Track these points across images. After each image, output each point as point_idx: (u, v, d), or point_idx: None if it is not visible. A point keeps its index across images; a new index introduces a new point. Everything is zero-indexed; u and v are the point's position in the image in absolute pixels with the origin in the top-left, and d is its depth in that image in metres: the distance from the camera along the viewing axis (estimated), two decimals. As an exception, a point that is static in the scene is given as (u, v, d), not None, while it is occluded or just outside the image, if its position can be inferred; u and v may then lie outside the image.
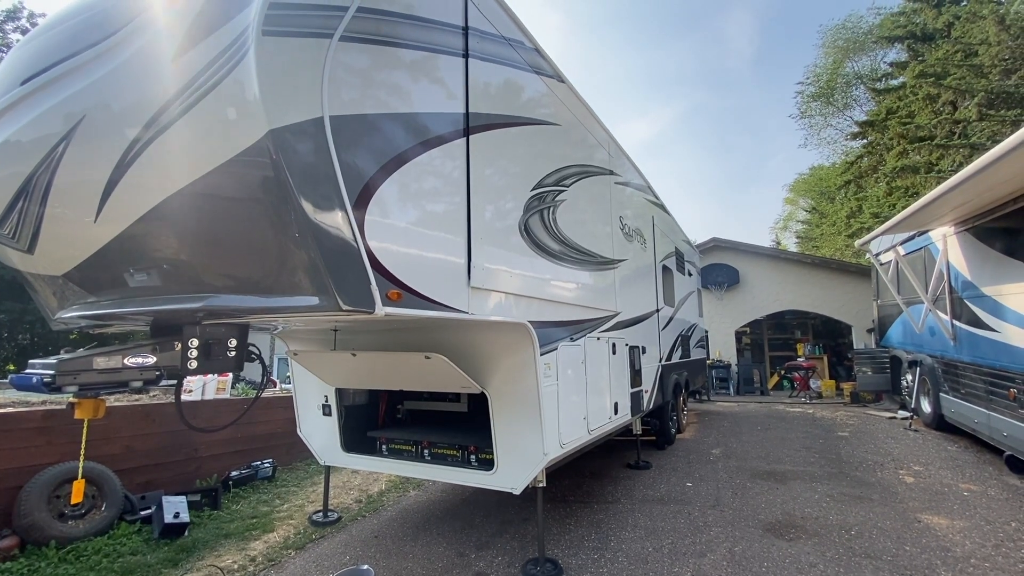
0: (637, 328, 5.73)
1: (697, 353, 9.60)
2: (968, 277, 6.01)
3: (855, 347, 12.32)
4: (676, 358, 7.75)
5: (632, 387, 5.34)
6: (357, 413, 4.48)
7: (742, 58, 55.24)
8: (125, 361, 2.35)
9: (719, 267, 13.89)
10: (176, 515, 4.24)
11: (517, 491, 3.36)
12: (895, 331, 9.44)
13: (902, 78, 17.00)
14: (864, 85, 21.92)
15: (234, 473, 5.53)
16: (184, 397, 5.72)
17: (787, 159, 57.93)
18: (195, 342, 2.49)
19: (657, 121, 69.16)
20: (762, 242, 34.88)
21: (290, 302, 1.94)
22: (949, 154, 12.91)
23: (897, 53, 19.06)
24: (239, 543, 4.18)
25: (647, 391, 5.96)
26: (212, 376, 5.80)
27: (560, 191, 3.96)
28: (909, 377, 8.64)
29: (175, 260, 2.05)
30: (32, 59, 2.14)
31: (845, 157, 21.74)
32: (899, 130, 14.53)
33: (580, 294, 4.24)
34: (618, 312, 5.07)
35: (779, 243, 34.36)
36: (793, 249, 29.68)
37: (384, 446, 4.25)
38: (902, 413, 8.85)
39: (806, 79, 24.65)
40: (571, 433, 3.76)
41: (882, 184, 15.63)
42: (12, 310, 13.29)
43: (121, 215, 2.00)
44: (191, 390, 5.72)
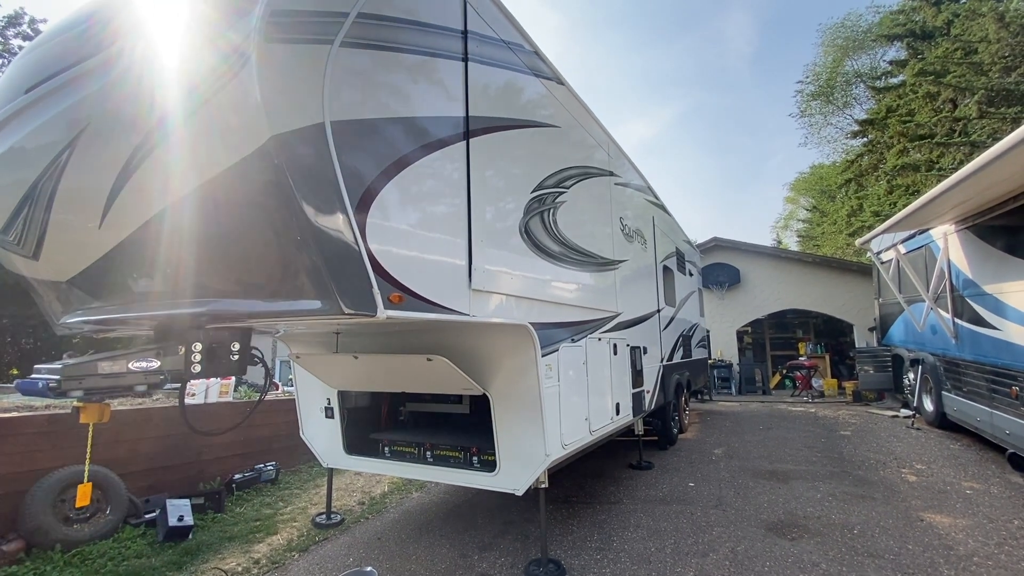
0: (638, 328, 5.74)
1: (699, 353, 9.60)
2: (969, 275, 6.01)
3: (857, 346, 12.30)
4: (678, 358, 7.75)
5: (634, 387, 5.35)
6: (359, 415, 4.50)
7: (741, 57, 55.24)
8: (129, 365, 2.37)
9: (720, 267, 13.89)
10: (180, 518, 4.26)
11: (519, 492, 3.37)
12: (897, 329, 9.43)
13: (902, 76, 17.00)
14: (864, 83, 21.90)
15: (237, 476, 5.55)
16: (188, 400, 5.75)
17: (788, 158, 57.80)
18: (199, 346, 2.50)
19: (657, 121, 69.22)
20: (763, 241, 34.91)
21: (293, 306, 1.96)
22: (949, 152, 12.91)
23: (897, 51, 19.06)
24: (243, 545, 4.20)
25: (649, 391, 5.97)
26: (215, 379, 5.82)
27: (560, 193, 3.97)
28: (911, 375, 8.63)
29: (178, 265, 2.06)
30: (36, 67, 2.16)
31: (845, 155, 21.73)
32: (899, 128, 14.53)
33: (581, 295, 4.25)
34: (619, 313, 5.08)
35: (780, 242, 34.35)
36: (794, 248, 29.66)
37: (386, 448, 4.26)
38: (904, 412, 8.83)
39: (805, 78, 24.66)
40: (573, 434, 3.77)
41: (883, 182, 15.63)
42: (15, 315, 13.33)
43: (125, 221, 2.02)
44: (194, 393, 5.75)
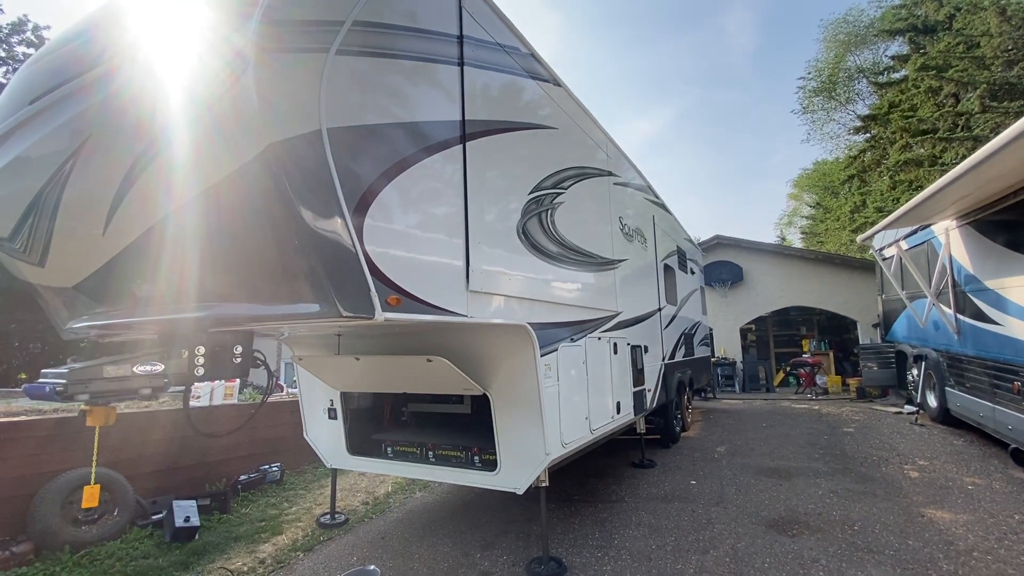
0: (639, 327, 5.76)
1: (701, 351, 9.60)
2: (971, 271, 6.00)
3: (861, 342, 12.27)
4: (679, 356, 7.76)
5: (635, 386, 5.37)
6: (362, 416, 4.54)
7: (744, 53, 55.17)
8: (134, 369, 2.42)
9: (723, 264, 13.88)
10: (186, 519, 4.32)
11: (520, 491, 3.41)
12: (900, 326, 9.41)
13: (904, 71, 16.92)
14: (866, 79, 21.81)
15: (243, 477, 5.61)
16: (193, 403, 5.82)
17: (791, 154, 57.78)
18: (201, 349, 2.55)
19: (659, 119, 69.17)
20: (767, 238, 34.88)
21: (292, 310, 2.00)
22: (952, 147, 12.85)
23: (899, 46, 18.96)
24: (248, 545, 4.25)
25: (650, 390, 5.99)
26: (220, 382, 5.88)
27: (558, 193, 4.00)
28: (915, 372, 8.61)
29: (180, 270, 2.11)
30: (40, 79, 2.22)
31: (848, 152, 21.65)
32: (901, 124, 14.48)
33: (580, 295, 4.28)
34: (619, 312, 5.10)
35: (784, 239, 34.25)
36: (798, 245, 29.57)
37: (389, 448, 4.30)
38: (908, 408, 8.82)
39: (807, 74, 24.57)
40: (573, 433, 3.80)
41: (885, 178, 15.57)
42: (24, 320, 13.50)
43: (128, 228, 2.07)
44: (199, 396, 5.81)
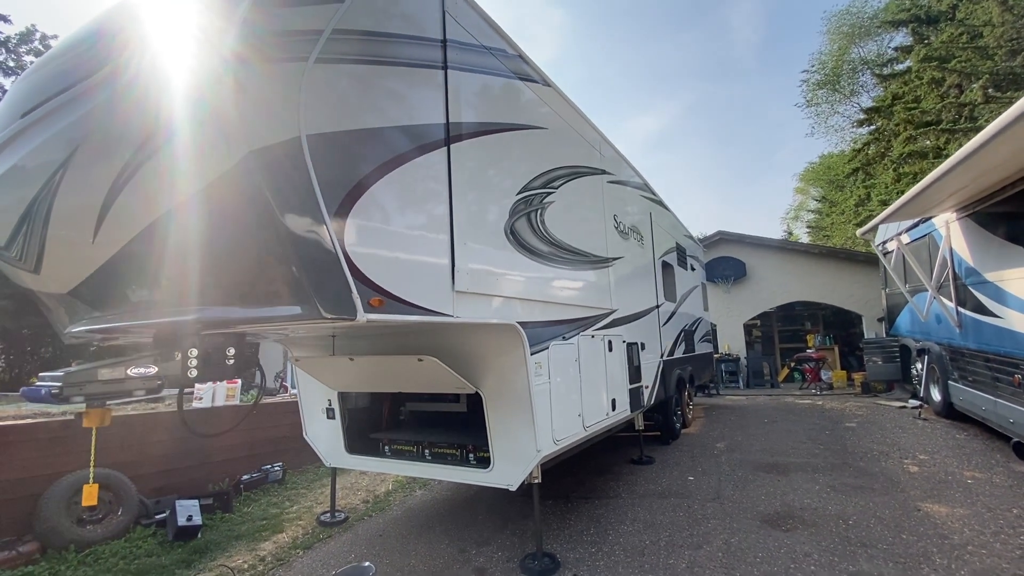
0: (635, 325, 5.78)
1: (702, 347, 9.59)
2: (971, 263, 5.95)
3: (866, 337, 12.18)
4: (679, 353, 7.77)
5: (631, 383, 5.39)
6: (360, 416, 4.61)
7: (749, 47, 54.73)
8: (128, 371, 2.49)
9: (725, 260, 13.82)
10: (189, 518, 4.41)
11: (513, 487, 3.45)
12: (903, 319, 9.34)
13: (908, 63, 16.75)
14: (871, 71, 21.61)
15: (245, 477, 5.71)
16: (195, 404, 5.92)
17: (797, 148, 57.43)
18: (194, 352, 2.61)
19: (664, 115, 68.77)
20: (774, 233, 34.64)
21: (275, 312, 2.05)
22: (956, 138, 12.71)
23: (903, 37, 18.77)
24: (249, 544, 4.33)
25: (647, 387, 6.00)
26: (221, 383, 5.97)
27: (548, 193, 4.03)
28: (919, 366, 8.55)
29: (169, 275, 2.17)
30: (30, 93, 2.29)
31: (853, 144, 21.47)
32: (905, 116, 14.34)
33: (572, 294, 4.31)
34: (614, 310, 5.12)
35: (791, 233, 33.98)
36: (805, 239, 29.36)
37: (387, 447, 4.36)
38: (912, 402, 8.75)
39: (811, 67, 24.42)
40: (565, 430, 3.84)
41: (890, 171, 15.42)
42: (34, 325, 13.69)
43: (117, 235, 2.13)
44: (201, 397, 5.91)
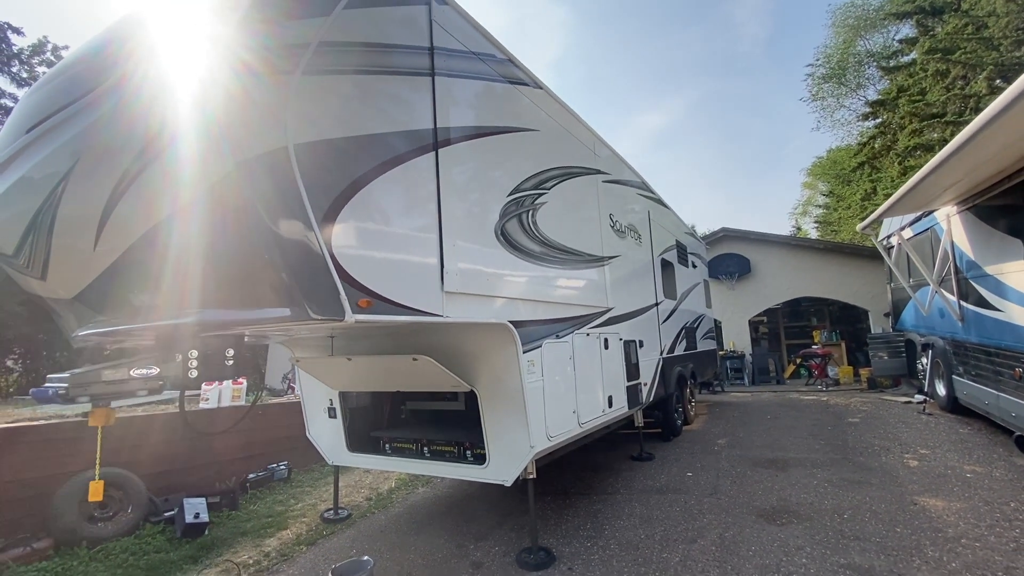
0: (633, 322, 5.82)
1: (705, 344, 9.59)
2: (972, 256, 5.93)
3: (872, 332, 12.10)
4: (680, 350, 7.79)
5: (628, 381, 5.44)
6: (361, 415, 4.71)
7: (755, 42, 54.32)
8: (131, 373, 2.60)
9: (729, 257, 13.77)
10: (196, 516, 4.53)
11: (508, 483, 3.53)
12: (908, 314, 9.29)
13: (913, 55, 16.56)
14: (876, 64, 21.37)
15: (251, 475, 5.83)
16: (201, 405, 6.07)
17: (805, 143, 56.83)
18: (195, 353, 2.73)
19: (670, 111, 68.46)
20: (782, 229, 34.35)
21: (265, 314, 2.15)
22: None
23: (909, 29, 18.54)
24: (255, 540, 4.45)
25: (646, 384, 6.04)
26: (227, 384, 6.11)
27: (540, 194, 4.09)
28: (924, 360, 8.51)
29: (165, 280, 2.27)
30: (34, 110, 2.41)
31: (859, 138, 21.25)
32: (910, 108, 14.20)
33: (566, 293, 4.37)
34: (610, 308, 5.18)
35: (799, 229, 33.65)
36: (813, 234, 29.11)
37: (387, 445, 4.46)
38: (918, 397, 8.70)
39: (816, 60, 24.17)
40: (559, 426, 3.90)
41: (896, 165, 15.28)
42: (50, 329, 14.01)
43: (116, 242, 2.24)
44: (207, 398, 6.05)
